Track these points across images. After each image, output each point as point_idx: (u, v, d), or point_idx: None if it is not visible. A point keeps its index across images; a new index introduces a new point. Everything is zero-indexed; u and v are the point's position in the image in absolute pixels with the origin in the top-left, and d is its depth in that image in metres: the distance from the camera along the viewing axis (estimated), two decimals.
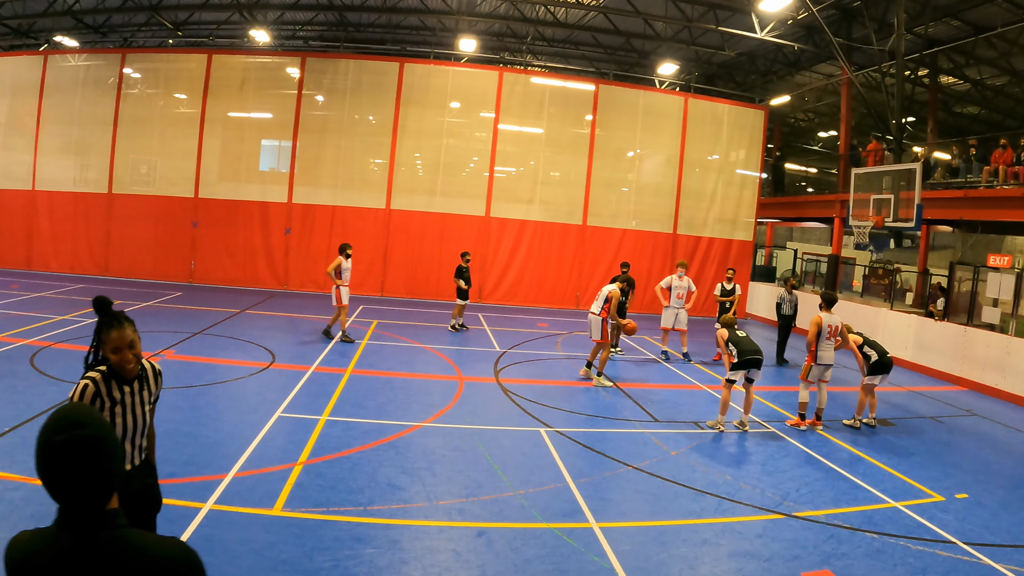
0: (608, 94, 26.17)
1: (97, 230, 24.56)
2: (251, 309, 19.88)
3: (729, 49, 27.38)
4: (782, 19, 22.65)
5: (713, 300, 19.55)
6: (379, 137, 24.87)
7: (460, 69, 26.28)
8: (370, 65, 25.35)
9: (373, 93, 24.95)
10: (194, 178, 24.49)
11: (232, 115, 24.86)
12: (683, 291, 17.22)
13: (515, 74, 26.27)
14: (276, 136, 25.07)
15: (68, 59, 25.52)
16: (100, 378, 4.00)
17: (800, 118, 39.02)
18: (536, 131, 25.92)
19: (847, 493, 8.66)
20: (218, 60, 24.82)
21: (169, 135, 24.68)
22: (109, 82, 24.73)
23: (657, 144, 26.87)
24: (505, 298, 25.17)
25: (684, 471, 8.94)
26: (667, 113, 26.58)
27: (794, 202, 33.05)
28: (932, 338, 18.69)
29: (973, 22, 21.65)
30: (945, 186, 21.80)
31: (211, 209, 24.47)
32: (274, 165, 25.31)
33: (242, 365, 12.80)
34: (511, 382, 13.26)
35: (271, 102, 24.97)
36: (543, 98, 25.85)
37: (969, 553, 7.12)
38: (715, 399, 12.91)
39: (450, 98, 25.24)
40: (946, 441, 11.98)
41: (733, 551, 6.78)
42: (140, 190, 24.67)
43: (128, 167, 24.78)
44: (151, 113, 24.78)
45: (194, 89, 24.64)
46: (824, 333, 11.72)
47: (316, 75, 24.99)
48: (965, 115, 31.70)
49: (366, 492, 7.42)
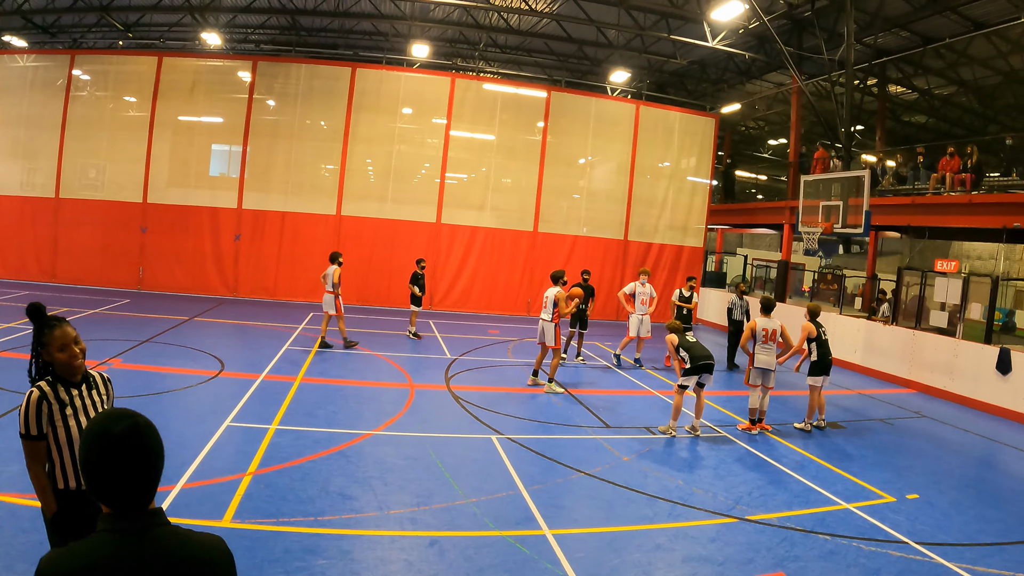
0: (560, 101, 26.24)
1: (44, 235, 24.03)
2: (200, 316, 19.60)
3: (681, 57, 27.59)
4: (734, 28, 22.85)
5: (668, 306, 19.66)
6: (330, 143, 24.69)
7: (412, 75, 26.18)
8: (322, 70, 25.15)
9: (325, 98, 24.75)
10: (143, 183, 24.06)
11: (182, 119, 24.48)
12: (647, 297, 17.25)
13: (467, 80, 26.24)
14: (226, 141, 24.75)
15: (16, 60, 24.98)
16: (46, 384, 3.93)
17: (750, 126, 39.43)
18: (488, 138, 25.91)
19: (799, 496, 8.72)
20: (169, 63, 24.46)
21: (118, 139, 24.23)
22: (58, 84, 24.24)
23: (608, 151, 26.99)
24: (456, 305, 25.09)
25: (636, 477, 8.94)
26: (619, 120, 26.72)
27: (744, 209, 33.42)
28: (881, 342, 18.98)
29: (922, 33, 22.03)
30: (893, 193, 22.14)
31: (160, 215, 24.08)
32: (224, 170, 24.98)
33: (191, 374, 12.59)
34: (462, 389, 13.20)
35: (222, 106, 24.65)
36: (495, 104, 25.84)
37: (921, 552, 7.21)
38: (667, 405, 12.93)
39: (402, 104, 25.13)
40: (896, 443, 12.13)
41: (687, 556, 6.77)
42: (88, 195, 24.19)
43: (76, 171, 24.28)
44: (100, 116, 24.34)
45: (144, 92, 24.24)
46: (759, 337, 11.97)
47: (267, 79, 24.75)
48: (913, 124, 32.25)
49: (317, 502, 7.30)
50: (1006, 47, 22.24)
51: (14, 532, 6.06)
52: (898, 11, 20.85)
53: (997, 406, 15.54)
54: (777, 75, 28.17)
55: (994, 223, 18.51)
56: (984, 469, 11.54)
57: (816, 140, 28.59)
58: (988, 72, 24.61)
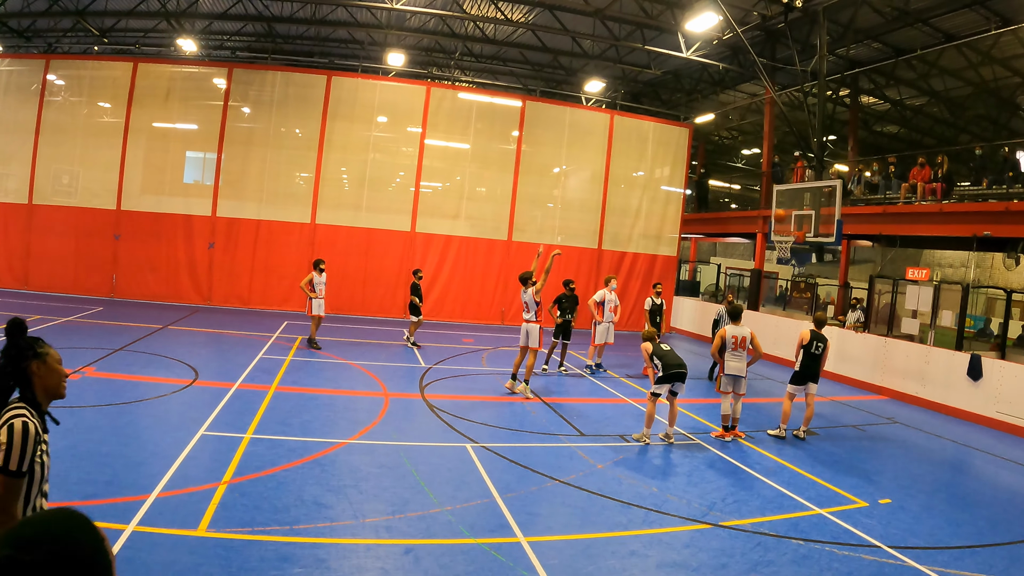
0: (535, 110, 26.32)
1: (16, 242, 23.78)
2: (174, 325, 19.49)
3: (655, 68, 27.76)
4: (708, 39, 23.03)
5: (642, 314, 19.71)
6: (305, 151, 24.63)
7: (388, 83, 26.17)
8: (297, 78, 25.11)
9: (300, 106, 24.70)
10: (117, 190, 23.88)
11: (157, 125, 24.32)
12: (614, 305, 17.31)
13: (443, 89, 26.25)
14: (201, 148, 24.61)
15: None
16: (27, 411, 3.41)
17: (724, 136, 39.68)
18: (463, 146, 25.93)
19: (773, 502, 8.80)
20: (144, 69, 24.30)
21: (92, 145, 24.03)
22: (32, 88, 24.02)
23: (583, 160, 27.09)
24: (431, 314, 25.00)
25: (611, 484, 8.98)
26: (593, 130, 26.84)
27: (718, 218, 33.65)
28: (853, 349, 19.16)
29: (894, 44, 22.29)
30: (865, 202, 22.36)
31: (134, 222, 23.91)
32: (199, 178, 24.84)
33: (164, 382, 12.51)
34: (437, 398, 13.20)
35: (196, 113, 24.52)
36: (470, 114, 25.87)
37: (893, 556, 7.31)
38: (640, 412, 13.00)
39: (377, 112, 25.11)
40: (869, 448, 12.27)
41: (661, 561, 6.82)
42: (61, 201, 23.95)
43: (49, 177, 24.05)
44: (74, 122, 24.13)
45: (118, 98, 24.06)
46: (729, 344, 12.11)
47: (243, 86, 24.66)
48: (885, 134, 32.56)
49: (292, 511, 7.29)
50: (976, 58, 22.54)
51: None
52: (870, 23, 21.08)
53: (968, 411, 15.77)
54: (750, 86, 28.38)
55: (965, 231, 18.74)
56: (955, 473, 11.70)
57: (789, 150, 28.87)
58: (959, 83, 24.92)
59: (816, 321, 12.79)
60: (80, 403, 10.41)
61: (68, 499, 6.99)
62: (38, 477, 3.39)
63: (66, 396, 3.71)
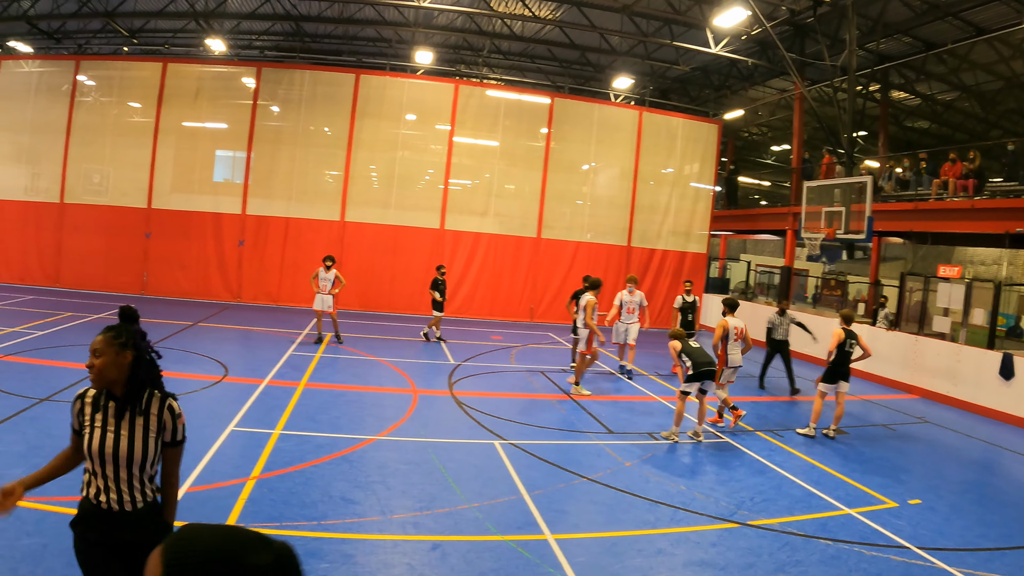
0: (563, 107, 26.29)
1: (48, 240, 24.08)
2: (204, 322, 19.64)
3: (684, 64, 27.62)
4: (736, 35, 22.90)
5: (671, 312, 19.53)
6: (334, 149, 24.74)
7: (416, 81, 26.24)
8: (326, 76, 25.23)
9: (328, 104, 24.81)
10: (147, 188, 24.14)
11: (186, 125, 24.55)
12: (634, 306, 17.02)
13: (471, 87, 26.28)
14: (230, 147, 24.80)
15: (21, 65, 25.08)
16: (89, 389, 3.80)
17: (753, 132, 39.47)
18: (491, 144, 25.92)
19: (801, 501, 8.73)
20: (173, 69, 24.52)
21: (122, 144, 24.29)
22: (62, 89, 24.30)
23: (612, 157, 27.00)
24: (460, 311, 25.06)
25: (638, 482, 8.95)
26: (622, 127, 26.74)
27: (747, 215, 33.41)
28: (884, 347, 18.88)
29: (924, 39, 22.07)
30: (896, 198, 22.15)
31: (164, 220, 24.14)
32: (228, 176, 25.02)
33: (194, 379, 12.61)
34: (465, 395, 13.21)
35: (226, 112, 24.72)
36: (498, 111, 25.88)
37: (922, 557, 7.21)
38: (669, 410, 12.97)
39: (405, 110, 25.18)
40: (898, 448, 12.13)
41: (688, 560, 6.78)
42: (92, 200, 24.22)
43: (80, 176, 24.33)
44: (104, 122, 24.40)
45: (148, 98, 24.31)
46: (732, 335, 12.44)
47: (272, 85, 24.81)
48: (916, 129, 32.26)
49: (319, 506, 7.33)
50: (1007, 52, 22.27)
51: (17, 535, 6.08)
52: (900, 17, 20.89)
53: (999, 411, 15.53)
54: (780, 81, 28.21)
55: (996, 228, 18.49)
56: (986, 474, 11.56)
57: (819, 146, 28.63)
58: (990, 77, 24.64)
59: (844, 318, 12.69)
60: None
61: None
62: (85, 446, 3.72)
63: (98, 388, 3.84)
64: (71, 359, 13.18)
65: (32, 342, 14.56)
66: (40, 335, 15.34)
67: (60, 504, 6.69)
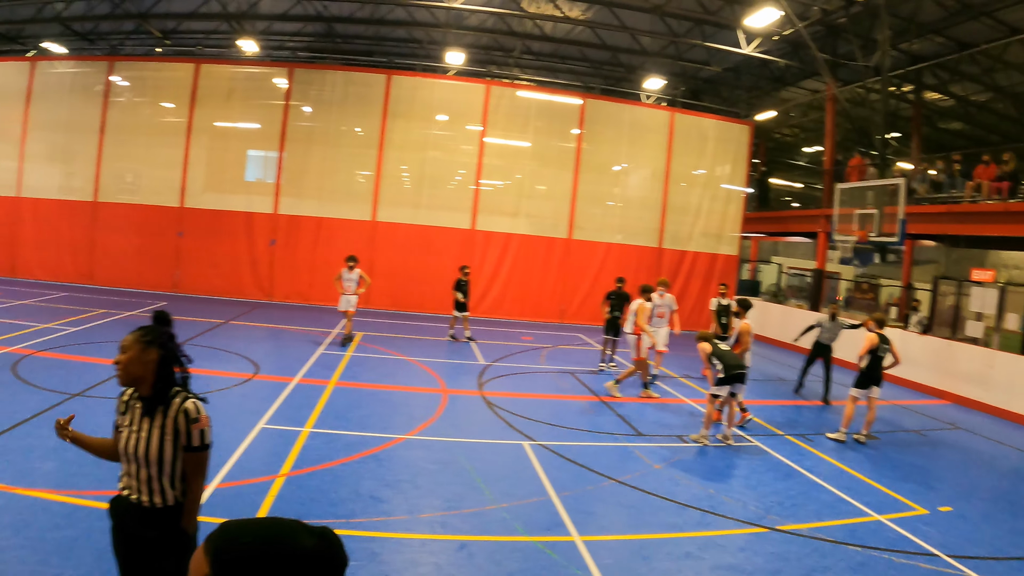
0: (594, 108, 26.26)
1: (82, 238, 24.41)
2: (235, 320, 19.80)
3: (715, 64, 27.50)
4: (768, 35, 22.75)
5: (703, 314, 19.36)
6: (365, 149, 24.87)
7: (447, 82, 26.33)
8: (357, 77, 25.37)
9: (360, 105, 24.95)
10: (180, 188, 24.40)
11: (219, 125, 24.81)
12: (665, 310, 16.82)
13: (502, 87, 26.33)
14: (262, 147, 25.02)
15: (55, 66, 25.43)
16: (128, 388, 3.91)
17: (785, 133, 39.16)
18: (522, 144, 25.94)
19: (830, 506, 8.67)
20: (205, 69, 24.77)
21: (155, 144, 24.57)
22: (96, 89, 24.63)
23: (643, 158, 26.92)
24: (490, 311, 25.10)
25: (667, 485, 8.93)
26: (653, 127, 26.66)
27: (779, 217, 33.19)
28: (916, 352, 18.65)
29: (957, 38, 21.80)
30: (929, 201, 21.91)
31: (196, 219, 24.37)
32: (260, 176, 25.24)
33: (225, 376, 12.72)
34: (495, 395, 13.24)
35: (258, 112, 24.94)
36: (529, 112, 25.90)
37: (952, 566, 7.13)
38: (699, 413, 12.92)
39: (437, 111, 25.27)
40: (930, 454, 12.01)
41: (715, 564, 6.76)
42: (125, 199, 24.51)
43: (114, 175, 24.65)
44: (138, 121, 24.69)
45: (181, 98, 24.57)
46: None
47: (303, 86, 24.98)
48: (949, 131, 31.88)
49: (348, 504, 7.38)
50: None
51: (48, 528, 6.18)
52: (933, 16, 20.66)
53: None
54: (812, 82, 27.96)
55: None
56: (1018, 482, 11.38)
57: (851, 147, 28.38)
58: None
59: (877, 322, 12.58)
60: None
61: None
62: (118, 446, 3.87)
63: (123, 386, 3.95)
64: (103, 355, 13.34)
65: (65, 338, 14.76)
66: (73, 331, 15.55)
67: (90, 498, 6.80)
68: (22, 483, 7.07)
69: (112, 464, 4.05)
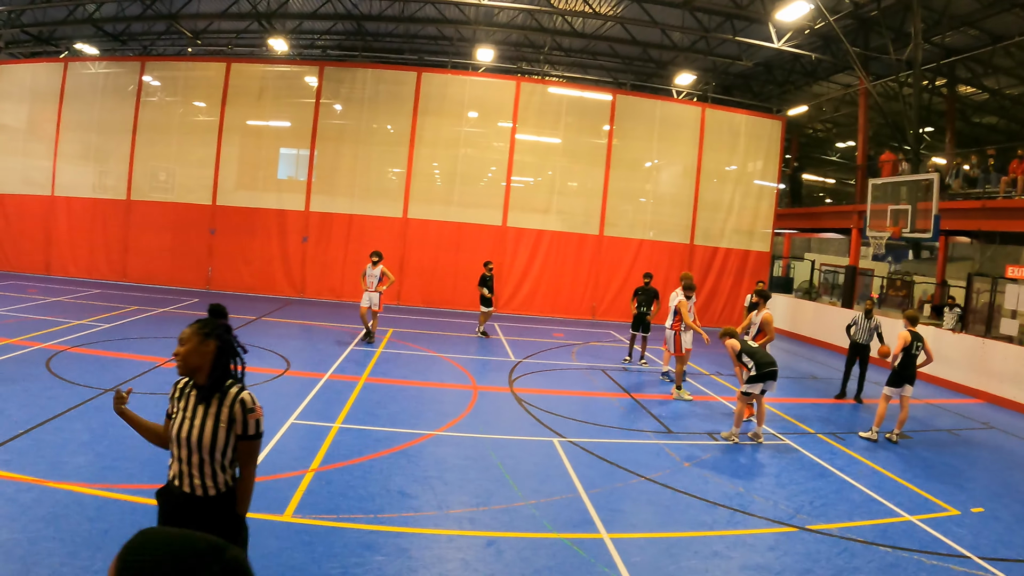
0: (625, 104, 26.16)
1: (115, 236, 24.75)
2: (267, 316, 19.96)
3: (746, 59, 27.34)
4: (799, 29, 22.59)
5: (735, 311, 19.22)
6: (396, 146, 24.97)
7: (477, 79, 26.35)
8: (388, 74, 25.46)
9: (390, 102, 25.04)
10: (212, 186, 24.65)
11: (250, 123, 25.02)
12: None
13: (532, 84, 26.30)
14: (294, 144, 25.19)
15: (88, 66, 25.74)
16: (185, 379, 4.07)
17: (817, 128, 38.88)
18: (553, 141, 25.93)
19: (861, 506, 8.60)
20: (236, 69, 24.99)
21: (187, 143, 24.86)
22: (128, 90, 24.92)
23: (674, 154, 26.81)
24: (521, 308, 25.13)
25: (697, 483, 8.90)
26: (684, 123, 26.53)
27: (811, 213, 32.92)
28: (949, 350, 18.42)
29: (990, 31, 21.55)
30: (963, 196, 21.67)
31: (229, 217, 24.62)
32: (292, 173, 25.42)
33: (257, 372, 12.81)
34: (525, 392, 13.25)
35: (289, 111, 25.12)
36: (560, 108, 25.86)
37: (983, 568, 7.04)
38: (729, 411, 12.86)
39: (467, 108, 25.31)
40: (962, 454, 11.86)
41: (744, 564, 6.73)
42: (158, 197, 24.82)
43: (146, 174, 24.96)
44: (170, 121, 24.98)
45: (212, 97, 24.81)
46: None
47: (334, 84, 25.14)
48: (983, 125, 31.52)
49: (377, 500, 7.42)
50: None
51: (80, 520, 6.28)
52: (965, 9, 20.42)
53: None
54: (844, 76, 27.74)
55: None
56: None
57: (884, 142, 28.13)
58: None
59: (910, 319, 12.43)
60: None
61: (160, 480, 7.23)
62: (167, 434, 4.05)
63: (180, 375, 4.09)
64: (136, 351, 13.52)
65: (99, 334, 14.93)
66: (106, 328, 15.73)
67: (121, 492, 6.89)
68: (55, 476, 7.19)
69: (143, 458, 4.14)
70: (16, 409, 9.34)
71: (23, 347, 13.13)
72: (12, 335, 14.03)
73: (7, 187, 25.40)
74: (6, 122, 25.87)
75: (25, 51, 31.10)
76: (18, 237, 25.21)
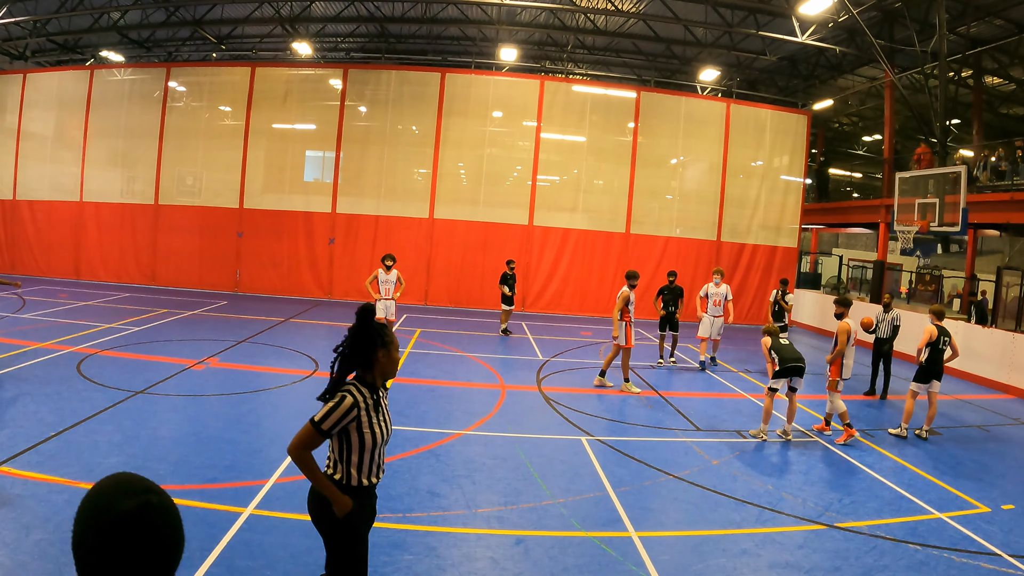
0: (650, 101, 26.11)
1: (144, 240, 25.05)
2: (295, 318, 20.09)
3: (770, 54, 27.17)
4: (823, 22, 22.42)
5: (763, 307, 19.16)
6: (422, 147, 25.08)
7: (501, 78, 26.40)
8: (412, 76, 25.57)
9: (415, 103, 25.16)
10: (239, 189, 24.88)
11: (276, 127, 25.24)
12: (720, 298, 16.76)
13: (556, 83, 26.34)
14: (319, 147, 25.36)
15: (114, 73, 26.07)
16: (356, 390, 4.26)
17: (843, 122, 38.60)
18: (578, 139, 25.94)
19: (891, 504, 8.56)
20: (261, 73, 25.19)
21: (214, 147, 25.13)
22: (154, 96, 25.20)
23: (700, 151, 26.73)
24: (548, 307, 25.17)
25: (725, 480, 8.90)
26: (709, 119, 26.45)
27: (839, 208, 32.69)
28: (979, 345, 18.24)
29: (1016, 20, 21.31)
30: (992, 189, 21.45)
31: (256, 220, 24.81)
32: (318, 176, 25.60)
33: (285, 373, 12.94)
34: (553, 390, 13.28)
35: (314, 113, 25.30)
36: (585, 106, 25.87)
37: (1014, 566, 6.99)
38: (758, 408, 12.83)
39: (492, 107, 25.38)
40: (993, 451, 11.75)
41: (773, 562, 6.73)
42: (186, 201, 25.11)
43: (174, 179, 25.25)
44: (196, 126, 25.26)
45: (238, 102, 25.03)
46: None
47: (358, 86, 25.27)
48: (1011, 116, 31.17)
49: (405, 499, 7.48)
50: None
51: None
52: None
53: None
54: (869, 69, 27.51)
55: None
56: None
57: (911, 135, 27.92)
58: None
59: (936, 314, 12.33)
60: (204, 392, 10.94)
61: (191, 482, 7.43)
62: (369, 441, 4.26)
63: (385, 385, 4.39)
64: (166, 354, 13.67)
65: (128, 337, 15.10)
66: (136, 331, 15.90)
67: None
68: (87, 478, 7.29)
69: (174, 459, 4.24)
70: (48, 412, 9.49)
71: (54, 351, 13.31)
72: (43, 339, 14.23)
73: (37, 194, 25.80)
74: (35, 130, 26.25)
75: (51, 59, 31.45)
76: (48, 243, 25.60)
